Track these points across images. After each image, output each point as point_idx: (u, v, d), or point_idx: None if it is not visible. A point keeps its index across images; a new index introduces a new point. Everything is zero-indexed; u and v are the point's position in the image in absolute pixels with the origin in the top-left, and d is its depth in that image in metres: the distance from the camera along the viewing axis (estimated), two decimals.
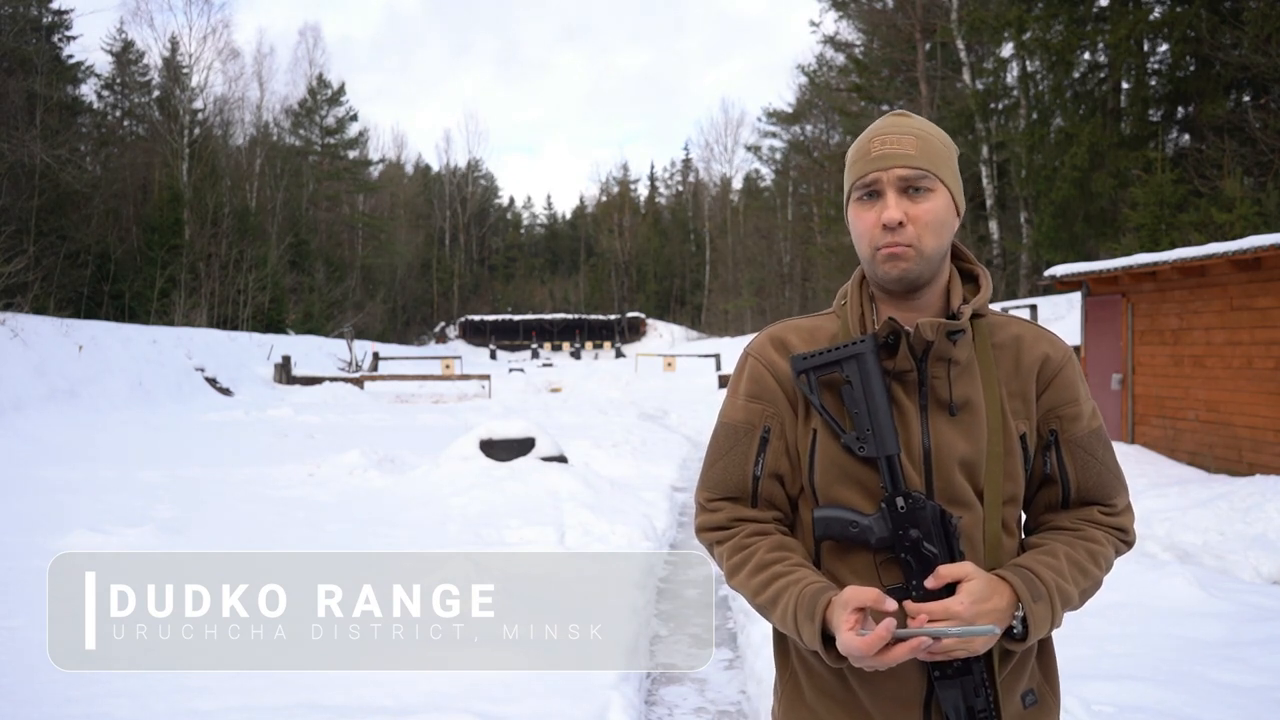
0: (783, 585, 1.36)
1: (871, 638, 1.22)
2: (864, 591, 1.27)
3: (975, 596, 1.28)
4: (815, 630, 1.31)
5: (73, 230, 27.91)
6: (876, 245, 1.38)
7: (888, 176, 1.37)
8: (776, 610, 1.37)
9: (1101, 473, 1.46)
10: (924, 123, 1.43)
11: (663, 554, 7.09)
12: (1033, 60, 27.29)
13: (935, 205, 1.38)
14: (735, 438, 1.47)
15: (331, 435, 14.70)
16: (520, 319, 68.64)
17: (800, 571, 1.37)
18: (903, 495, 1.33)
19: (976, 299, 1.42)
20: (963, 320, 1.38)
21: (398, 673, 3.99)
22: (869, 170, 1.39)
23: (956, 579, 1.30)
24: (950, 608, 1.27)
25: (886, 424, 1.35)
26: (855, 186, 1.42)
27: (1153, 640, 4.49)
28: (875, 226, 1.38)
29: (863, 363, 1.37)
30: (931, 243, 1.37)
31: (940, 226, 1.38)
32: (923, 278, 1.39)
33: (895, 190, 1.37)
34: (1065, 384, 1.46)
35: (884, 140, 1.39)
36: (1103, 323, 11.89)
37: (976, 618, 1.28)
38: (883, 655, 1.24)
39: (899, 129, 1.40)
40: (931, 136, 1.41)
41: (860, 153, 1.42)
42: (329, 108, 54.95)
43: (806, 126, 49.21)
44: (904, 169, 1.37)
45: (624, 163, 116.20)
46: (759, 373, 1.47)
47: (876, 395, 1.36)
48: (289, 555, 6.37)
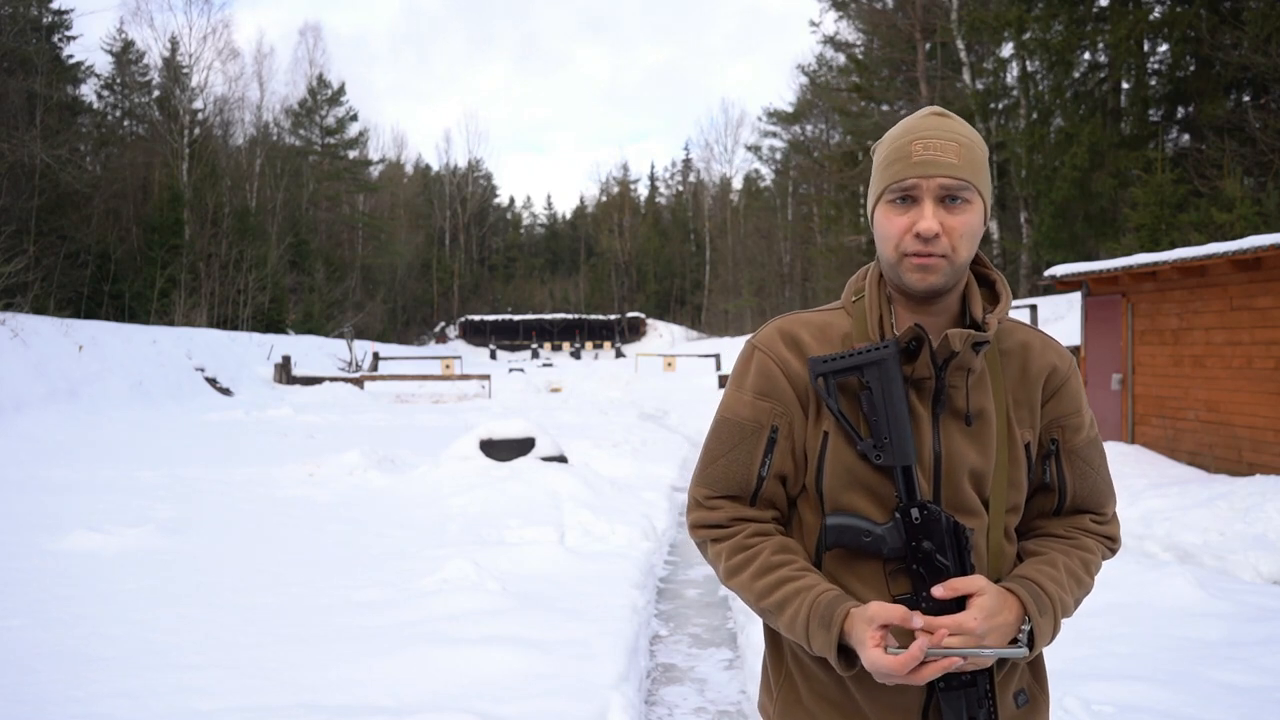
0: (793, 590, 1.34)
1: (905, 657, 1.21)
2: (892, 609, 1.25)
3: (987, 612, 1.27)
4: (831, 640, 1.29)
5: (73, 230, 27.92)
6: (905, 251, 1.33)
7: (928, 184, 1.31)
8: (784, 615, 1.34)
9: (1097, 482, 1.47)
10: (965, 126, 1.36)
11: (663, 554, 7.09)
12: (1033, 60, 27.28)
13: (971, 217, 1.33)
14: (741, 435, 1.42)
15: (331, 435, 14.70)
16: (520, 319, 68.65)
17: (810, 577, 1.35)
18: (918, 506, 1.31)
19: (999, 309, 1.39)
20: (989, 332, 1.35)
21: (398, 673, 3.98)
22: (908, 175, 1.32)
23: (968, 593, 1.29)
24: (963, 623, 1.26)
25: (906, 433, 1.32)
26: (890, 189, 1.35)
27: (1153, 640, 4.49)
28: (907, 233, 1.32)
29: (885, 369, 1.33)
30: (964, 254, 1.33)
31: (973, 238, 1.34)
32: (947, 286, 1.35)
33: (933, 199, 1.31)
34: (1070, 394, 1.45)
35: (927, 144, 1.32)
36: (1103, 323, 11.89)
37: (988, 633, 1.27)
38: (913, 674, 1.23)
39: (942, 133, 1.33)
40: (974, 144, 1.35)
41: (899, 153, 1.34)
42: (329, 108, 54.97)
43: (807, 126, 49.26)
44: (946, 178, 1.31)
45: (624, 162, 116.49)
46: (768, 368, 1.41)
47: (897, 403, 1.32)
48: (289, 555, 6.36)
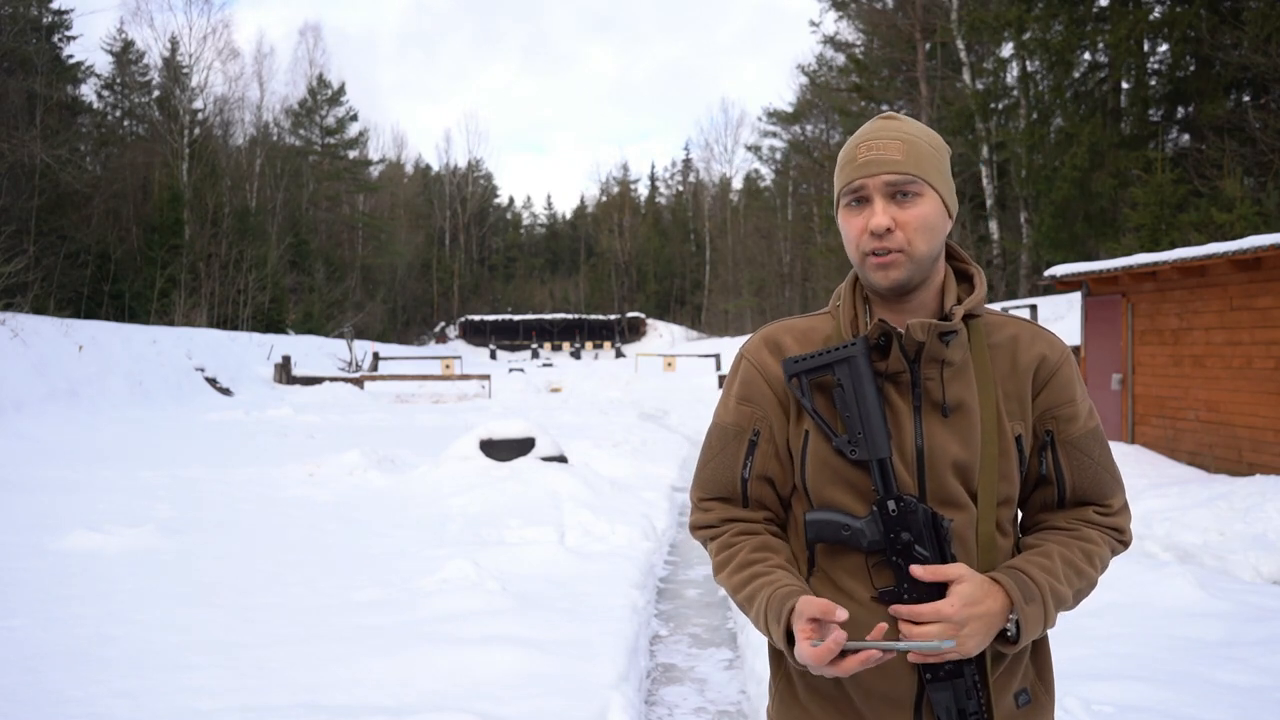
0: (759, 585, 1.38)
1: (821, 649, 1.24)
2: (815, 602, 1.28)
3: (966, 599, 1.29)
4: (781, 632, 1.33)
5: (73, 230, 27.93)
6: (865, 251, 1.38)
7: (874, 183, 1.38)
8: (752, 609, 1.40)
9: (1098, 473, 1.46)
10: (912, 125, 1.42)
11: (663, 554, 7.09)
12: (1033, 60, 27.27)
13: (923, 210, 1.37)
14: (725, 440, 1.49)
15: (331, 435, 14.70)
16: (520, 319, 68.66)
17: (777, 573, 1.39)
18: (894, 499, 1.34)
19: (970, 299, 1.42)
20: (954, 321, 1.38)
21: (398, 673, 3.98)
22: (855, 176, 1.39)
23: (948, 579, 1.30)
24: (941, 610, 1.28)
25: (878, 427, 1.35)
26: (843, 192, 1.42)
27: (1153, 640, 4.49)
28: (864, 233, 1.38)
29: (854, 365, 1.37)
30: (923, 246, 1.37)
31: (930, 230, 1.38)
32: (913, 281, 1.39)
33: (882, 196, 1.37)
34: (1062, 384, 1.46)
35: (870, 146, 1.39)
36: (1103, 323, 11.89)
37: (968, 620, 1.28)
38: (835, 666, 1.26)
39: (885, 134, 1.40)
40: (918, 140, 1.40)
41: (847, 158, 1.42)
42: (329, 108, 55.00)
43: (807, 126, 49.21)
44: (890, 174, 1.37)
45: (624, 162, 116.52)
46: (751, 375, 1.49)
47: (868, 398, 1.36)
48: (289, 555, 6.36)
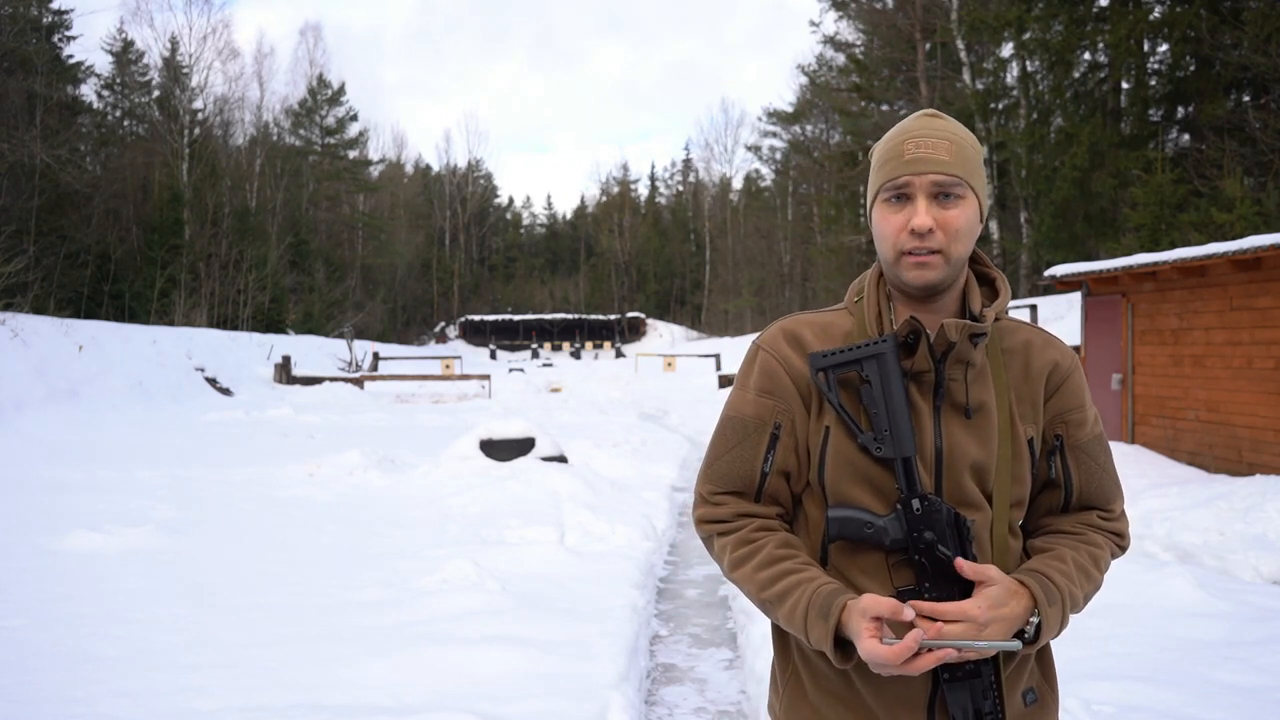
0: (793, 582, 1.36)
1: (900, 648, 1.22)
2: (882, 601, 1.27)
3: (992, 601, 1.29)
4: (828, 630, 1.31)
5: (73, 230, 27.91)
6: (902, 249, 1.37)
7: (920, 181, 1.36)
8: (784, 606, 1.36)
9: (1103, 478, 1.48)
10: (957, 125, 1.41)
11: (663, 554, 7.09)
12: (1033, 60, 27.28)
13: (965, 212, 1.37)
14: (745, 432, 1.45)
15: (331, 435, 14.70)
16: (520, 319, 68.64)
17: (811, 570, 1.38)
18: (919, 497, 1.33)
19: (997, 303, 1.42)
20: (986, 323, 1.38)
21: (398, 673, 3.98)
22: (901, 173, 1.37)
23: (979, 580, 1.30)
24: (967, 611, 1.27)
25: (905, 425, 1.35)
26: (885, 188, 1.40)
27: (1153, 640, 4.49)
28: (902, 231, 1.37)
29: (883, 363, 1.36)
30: (960, 250, 1.37)
31: (969, 234, 1.38)
32: (945, 283, 1.38)
33: (926, 196, 1.36)
34: (1072, 390, 1.47)
35: (918, 143, 1.37)
36: (1103, 323, 11.89)
37: (992, 621, 1.28)
38: (908, 665, 1.24)
39: (934, 133, 1.38)
40: (965, 142, 1.39)
41: (892, 153, 1.40)
42: (329, 108, 54.97)
43: (807, 126, 49.19)
44: (938, 175, 1.35)
45: (624, 162, 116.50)
46: (771, 367, 1.46)
47: (896, 396, 1.35)
48: (289, 555, 6.36)
